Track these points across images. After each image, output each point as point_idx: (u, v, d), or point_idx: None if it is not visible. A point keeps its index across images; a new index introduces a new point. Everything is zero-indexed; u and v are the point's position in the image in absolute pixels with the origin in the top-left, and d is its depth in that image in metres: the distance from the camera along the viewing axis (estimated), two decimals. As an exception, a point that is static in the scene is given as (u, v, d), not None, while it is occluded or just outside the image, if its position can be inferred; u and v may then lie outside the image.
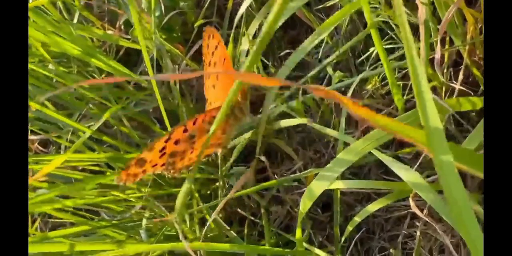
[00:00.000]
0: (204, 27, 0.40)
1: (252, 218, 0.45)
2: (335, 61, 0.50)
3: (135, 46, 0.60)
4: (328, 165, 0.31)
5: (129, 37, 0.61)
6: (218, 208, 0.35)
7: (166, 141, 0.33)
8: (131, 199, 0.45)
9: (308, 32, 0.58)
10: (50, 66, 0.55)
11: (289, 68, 0.38)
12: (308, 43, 0.38)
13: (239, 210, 0.46)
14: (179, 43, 0.60)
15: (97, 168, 0.53)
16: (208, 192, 0.49)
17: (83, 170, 0.56)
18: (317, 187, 0.31)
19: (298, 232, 0.34)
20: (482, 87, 0.42)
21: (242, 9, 0.46)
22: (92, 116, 0.56)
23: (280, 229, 0.45)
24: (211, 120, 0.34)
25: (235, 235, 0.42)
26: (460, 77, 0.36)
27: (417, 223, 0.41)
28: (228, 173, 0.46)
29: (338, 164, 0.30)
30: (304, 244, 0.38)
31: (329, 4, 0.47)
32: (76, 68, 0.60)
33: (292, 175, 0.38)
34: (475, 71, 0.39)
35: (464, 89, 0.36)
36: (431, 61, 0.37)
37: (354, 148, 0.30)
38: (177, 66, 0.58)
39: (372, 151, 0.31)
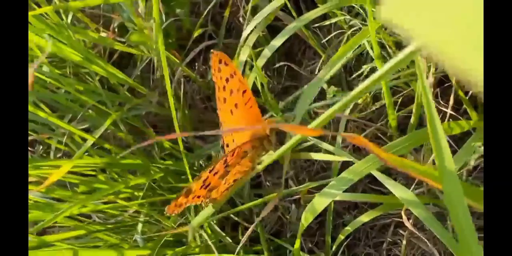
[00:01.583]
0: (212, 50, 0.39)
1: (246, 223, 0.47)
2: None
3: (130, 51, 0.60)
4: (331, 183, 0.33)
5: (123, 40, 0.62)
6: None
7: (210, 171, 0.35)
8: (126, 203, 0.46)
9: (301, 44, 0.60)
10: (44, 68, 0.55)
11: (300, 115, 0.40)
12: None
13: (232, 215, 0.48)
14: (175, 50, 0.61)
15: (89, 172, 0.53)
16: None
17: (73, 172, 0.57)
18: (319, 203, 0.34)
19: (297, 243, 0.37)
20: (464, 106, 0.45)
21: (247, 30, 0.47)
22: (86, 118, 0.57)
23: (271, 235, 0.48)
24: (243, 154, 0.36)
25: (230, 241, 0.44)
26: (451, 102, 0.39)
27: (401, 231, 0.44)
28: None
29: (341, 182, 0.33)
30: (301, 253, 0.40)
31: (326, 23, 0.49)
32: (69, 69, 0.60)
33: (290, 189, 0.40)
34: (461, 93, 0.43)
35: (454, 113, 0.40)
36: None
37: (355, 168, 0.33)
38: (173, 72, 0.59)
39: (373, 172, 0.33)
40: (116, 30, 0.64)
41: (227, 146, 0.39)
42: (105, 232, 0.47)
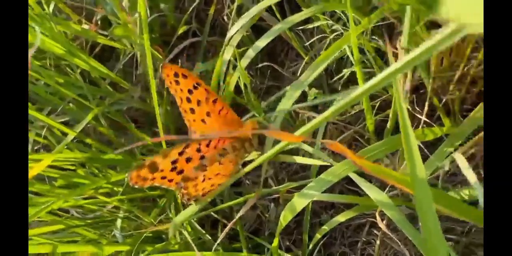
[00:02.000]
0: (162, 63, 0.39)
1: (225, 221, 0.48)
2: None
3: (113, 44, 0.60)
4: (310, 184, 0.35)
5: (105, 33, 0.61)
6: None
7: (180, 154, 0.35)
8: (107, 199, 0.47)
9: (284, 45, 0.61)
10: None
11: (281, 117, 0.41)
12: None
13: (212, 213, 0.49)
14: (159, 45, 0.61)
15: (69, 166, 0.53)
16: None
17: (52, 166, 0.56)
18: (298, 203, 0.35)
19: (275, 242, 0.38)
20: (438, 112, 0.47)
21: (232, 30, 0.48)
22: (66, 111, 0.56)
23: (250, 233, 0.49)
24: (222, 152, 0.36)
25: (210, 238, 0.45)
26: (426, 109, 0.41)
27: (375, 231, 0.45)
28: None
29: (319, 184, 0.34)
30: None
31: (309, 26, 0.50)
32: (49, 61, 0.59)
33: (270, 189, 0.41)
34: (435, 100, 0.44)
35: (427, 120, 0.41)
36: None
37: (334, 171, 0.34)
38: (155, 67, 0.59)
39: (351, 175, 0.34)
40: (98, 22, 0.64)
41: (204, 153, 0.39)
42: (84, 227, 0.47)
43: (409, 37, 0.41)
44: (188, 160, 0.35)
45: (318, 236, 0.41)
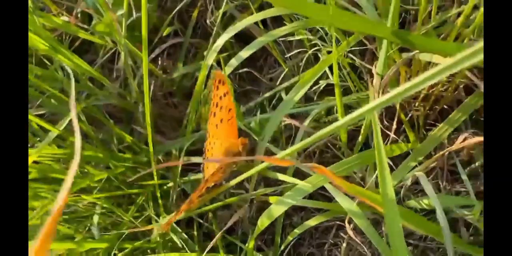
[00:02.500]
0: (213, 70, 0.46)
1: (200, 220, 0.50)
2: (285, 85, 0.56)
3: (93, 39, 0.60)
4: (288, 193, 0.37)
5: (85, 26, 0.61)
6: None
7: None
8: (87, 197, 0.47)
9: (264, 51, 0.63)
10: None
11: (269, 134, 0.44)
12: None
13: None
14: (140, 43, 0.61)
15: (46, 161, 0.53)
16: (158, 193, 0.52)
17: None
18: (276, 210, 0.38)
19: (251, 244, 0.40)
20: (403, 126, 0.51)
21: (220, 41, 0.49)
22: (43, 104, 0.56)
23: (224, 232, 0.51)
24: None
25: (186, 236, 0.47)
26: (394, 126, 0.45)
27: (342, 234, 0.49)
28: (184, 179, 0.50)
29: (297, 193, 0.37)
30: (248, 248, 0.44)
31: (290, 39, 0.52)
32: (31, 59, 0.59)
33: (249, 194, 0.43)
34: (402, 115, 0.48)
35: (395, 137, 0.45)
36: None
37: (312, 180, 0.37)
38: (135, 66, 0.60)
39: (325, 185, 0.37)
40: (79, 15, 0.64)
41: (207, 151, 0.44)
42: (58, 222, 0.48)
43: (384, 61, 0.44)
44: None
45: (289, 238, 0.44)
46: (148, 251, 0.47)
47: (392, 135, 0.43)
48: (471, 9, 0.41)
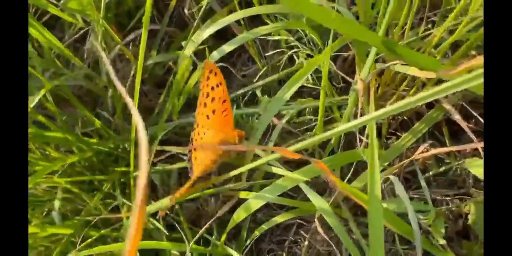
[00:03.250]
0: (204, 60, 0.44)
1: (167, 211, 0.49)
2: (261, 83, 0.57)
3: (64, 17, 0.57)
4: (267, 188, 0.38)
5: (55, 2, 0.58)
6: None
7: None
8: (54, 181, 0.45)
9: (239, 47, 0.63)
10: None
11: (262, 130, 0.45)
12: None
13: (153, 202, 0.50)
14: (114, 25, 0.60)
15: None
16: (123, 180, 0.51)
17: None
18: (254, 204, 0.39)
19: (223, 237, 0.41)
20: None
21: (202, 36, 0.49)
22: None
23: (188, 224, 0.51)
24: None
25: (152, 227, 0.46)
26: (365, 133, 0.47)
27: (302, 231, 0.51)
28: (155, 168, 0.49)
29: (276, 188, 0.38)
30: (215, 242, 0.45)
31: (268, 38, 0.53)
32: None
33: (227, 186, 0.44)
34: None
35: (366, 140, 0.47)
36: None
37: (290, 178, 0.38)
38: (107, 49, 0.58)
39: (300, 184, 0.39)
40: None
41: (195, 140, 0.44)
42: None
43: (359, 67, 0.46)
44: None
45: (256, 233, 0.45)
46: (109, 239, 0.46)
47: (364, 139, 0.46)
48: (444, 31, 0.45)
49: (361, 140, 0.50)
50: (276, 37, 0.53)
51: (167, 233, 0.43)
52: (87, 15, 0.57)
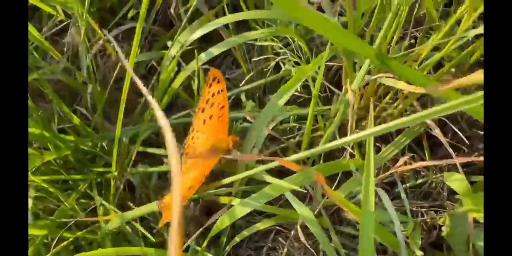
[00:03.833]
0: (211, 68, 0.44)
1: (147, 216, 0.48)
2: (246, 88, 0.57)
3: (44, 7, 0.55)
4: (253, 195, 0.38)
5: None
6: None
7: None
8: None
9: (227, 51, 0.62)
10: None
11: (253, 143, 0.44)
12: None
13: (130, 204, 0.49)
14: (96, 20, 0.58)
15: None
16: (99, 179, 0.49)
17: None
18: (240, 211, 0.38)
19: (205, 243, 0.40)
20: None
21: (192, 38, 0.49)
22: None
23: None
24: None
25: (130, 230, 0.45)
26: (352, 144, 0.48)
27: (280, 238, 0.51)
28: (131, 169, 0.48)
29: (262, 196, 0.38)
30: (195, 247, 0.44)
31: (258, 43, 0.53)
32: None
33: (212, 191, 0.43)
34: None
35: (352, 152, 0.48)
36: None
37: (277, 186, 0.38)
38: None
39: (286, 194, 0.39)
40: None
41: (188, 145, 0.44)
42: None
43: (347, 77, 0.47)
44: None
45: (236, 239, 0.45)
46: (83, 243, 0.44)
47: (349, 149, 0.46)
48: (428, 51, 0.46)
49: (344, 150, 0.51)
50: (266, 43, 0.53)
51: (153, 240, 0.42)
52: (69, 8, 0.55)
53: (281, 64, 0.56)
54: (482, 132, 0.53)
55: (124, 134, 0.50)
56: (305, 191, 0.50)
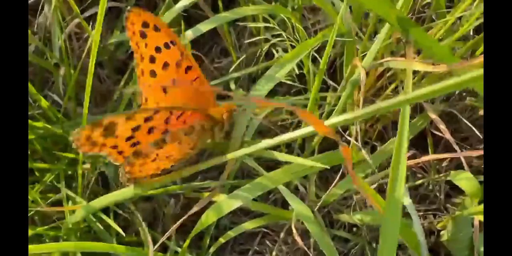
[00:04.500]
0: (128, 9, 0.33)
1: (119, 210, 0.43)
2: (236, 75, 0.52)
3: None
4: (246, 186, 0.33)
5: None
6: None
7: (146, 120, 0.29)
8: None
9: (209, 39, 0.58)
10: None
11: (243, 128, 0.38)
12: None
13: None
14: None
15: None
16: (70, 172, 0.44)
17: None
18: (227, 205, 0.33)
19: (186, 243, 0.35)
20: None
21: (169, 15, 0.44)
22: None
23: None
24: (188, 130, 0.31)
25: (102, 228, 0.39)
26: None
27: (267, 241, 0.46)
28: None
29: (256, 187, 0.33)
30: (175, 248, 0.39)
31: (252, 25, 0.49)
32: None
33: (198, 183, 0.38)
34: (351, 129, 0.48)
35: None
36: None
37: (270, 177, 0.33)
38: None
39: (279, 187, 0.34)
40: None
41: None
42: None
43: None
44: (151, 130, 0.30)
45: (221, 240, 0.40)
46: (46, 240, 0.38)
47: (351, 140, 0.42)
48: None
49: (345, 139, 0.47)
50: (260, 24, 0.48)
51: (124, 234, 0.36)
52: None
53: (274, 51, 0.52)
54: (481, 132, 0.50)
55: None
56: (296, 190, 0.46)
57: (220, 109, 0.33)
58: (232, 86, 0.51)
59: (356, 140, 0.36)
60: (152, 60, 0.33)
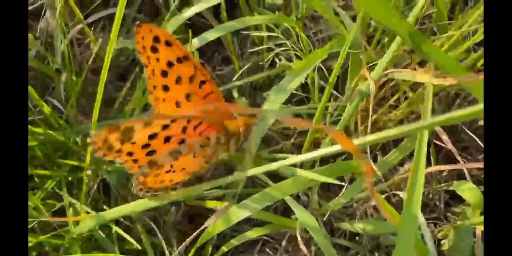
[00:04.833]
0: (137, 23, 0.33)
1: (121, 219, 0.42)
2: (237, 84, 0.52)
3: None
4: (254, 196, 0.33)
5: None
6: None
7: (163, 128, 0.29)
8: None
9: (210, 47, 0.58)
10: None
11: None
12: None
13: (105, 207, 0.43)
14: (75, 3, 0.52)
15: None
16: (71, 178, 0.43)
17: None
18: (236, 215, 0.33)
19: (191, 253, 0.35)
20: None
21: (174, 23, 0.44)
22: None
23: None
24: (204, 141, 0.31)
25: (103, 235, 0.39)
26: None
27: (267, 249, 0.46)
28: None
29: (266, 197, 0.33)
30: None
31: (255, 33, 0.49)
32: None
33: (206, 192, 0.38)
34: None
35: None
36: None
37: (279, 188, 0.33)
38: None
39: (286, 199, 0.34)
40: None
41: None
42: None
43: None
44: (168, 139, 0.30)
45: (224, 249, 0.40)
46: (47, 249, 0.38)
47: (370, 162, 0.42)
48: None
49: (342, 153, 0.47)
50: (263, 33, 0.48)
51: (135, 246, 0.36)
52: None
53: (276, 60, 0.52)
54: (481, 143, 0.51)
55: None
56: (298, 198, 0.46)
57: (237, 121, 0.32)
58: (235, 94, 0.51)
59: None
60: (164, 74, 0.33)
